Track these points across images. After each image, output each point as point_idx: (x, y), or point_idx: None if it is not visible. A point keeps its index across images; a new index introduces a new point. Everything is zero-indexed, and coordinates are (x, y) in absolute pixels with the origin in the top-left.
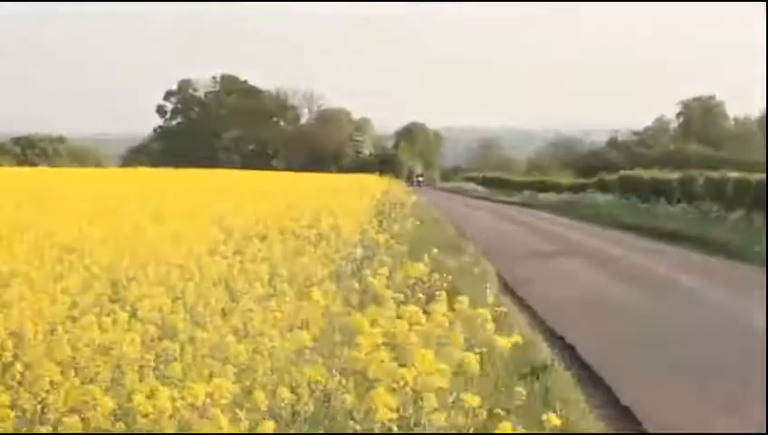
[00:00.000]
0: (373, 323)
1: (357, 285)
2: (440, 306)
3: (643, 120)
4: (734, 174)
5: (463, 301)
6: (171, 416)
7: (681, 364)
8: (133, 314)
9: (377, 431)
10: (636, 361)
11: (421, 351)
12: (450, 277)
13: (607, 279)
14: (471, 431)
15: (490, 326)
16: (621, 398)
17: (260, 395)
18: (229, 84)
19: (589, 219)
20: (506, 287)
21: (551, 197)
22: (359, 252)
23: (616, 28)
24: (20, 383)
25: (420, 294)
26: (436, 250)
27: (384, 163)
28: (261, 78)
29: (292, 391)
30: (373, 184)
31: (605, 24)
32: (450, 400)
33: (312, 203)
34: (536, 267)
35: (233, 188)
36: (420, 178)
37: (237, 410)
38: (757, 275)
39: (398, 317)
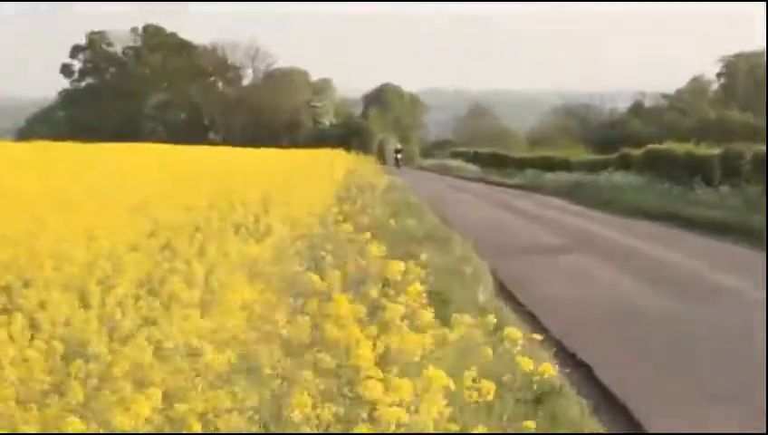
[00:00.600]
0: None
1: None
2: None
3: (675, 82)
4: None
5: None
6: None
7: (730, 394)
8: (32, 326)
9: None
10: (668, 385)
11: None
12: (432, 278)
13: (630, 281)
14: None
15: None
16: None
17: (192, 425)
18: (153, 37)
19: (607, 206)
20: (503, 289)
21: (559, 177)
22: (315, 249)
23: None
24: None
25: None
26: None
27: (350, 135)
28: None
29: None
30: (336, 162)
31: None
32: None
33: (259, 187)
34: (541, 264)
35: (159, 169)
36: (399, 156)
37: None
38: None
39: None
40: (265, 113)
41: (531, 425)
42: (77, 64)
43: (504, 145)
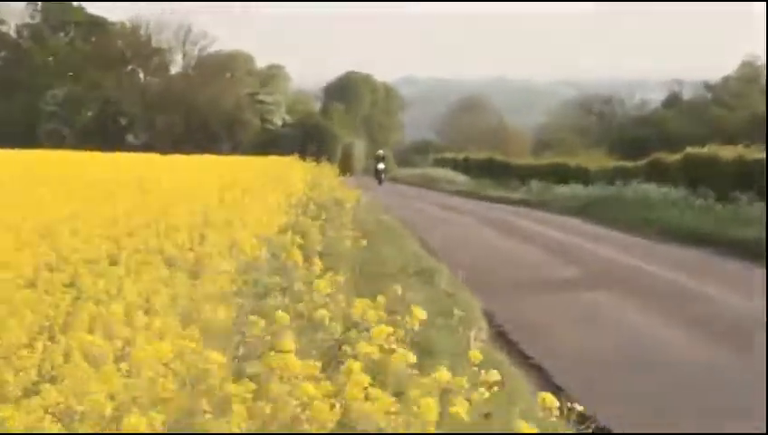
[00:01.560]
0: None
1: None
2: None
3: (721, 67)
4: None
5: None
6: None
7: None
8: None
9: None
10: None
11: None
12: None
13: (666, 325)
14: None
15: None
16: None
17: None
18: (56, 13)
19: (635, 227)
20: (502, 337)
21: (574, 191)
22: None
23: None
24: None
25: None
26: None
27: (307, 138)
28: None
29: None
30: (290, 172)
31: None
32: None
33: (191, 206)
34: (552, 305)
35: (64, 182)
36: (382, 166)
37: None
38: None
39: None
40: (199, 110)
41: None
42: None
43: (504, 149)
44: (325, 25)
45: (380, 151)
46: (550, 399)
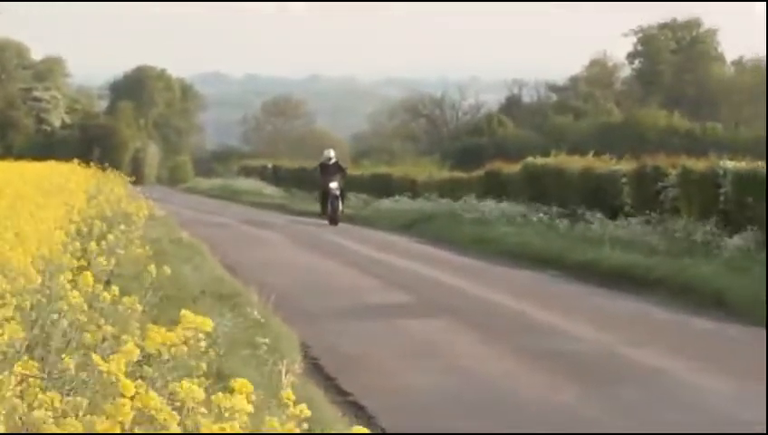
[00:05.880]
0: None
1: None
2: None
3: (567, 67)
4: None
5: None
6: None
7: None
8: None
9: None
10: None
11: None
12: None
13: (504, 359)
14: None
15: None
16: None
17: None
18: None
19: (469, 247)
20: (318, 370)
21: (401, 205)
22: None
23: None
24: None
25: None
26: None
27: (91, 141)
28: None
29: None
30: (71, 181)
31: None
32: None
33: None
34: (375, 336)
35: None
36: (335, 185)
37: None
38: None
39: None
40: None
41: None
42: None
43: (319, 157)
44: (114, 11)
45: (329, 152)
46: None
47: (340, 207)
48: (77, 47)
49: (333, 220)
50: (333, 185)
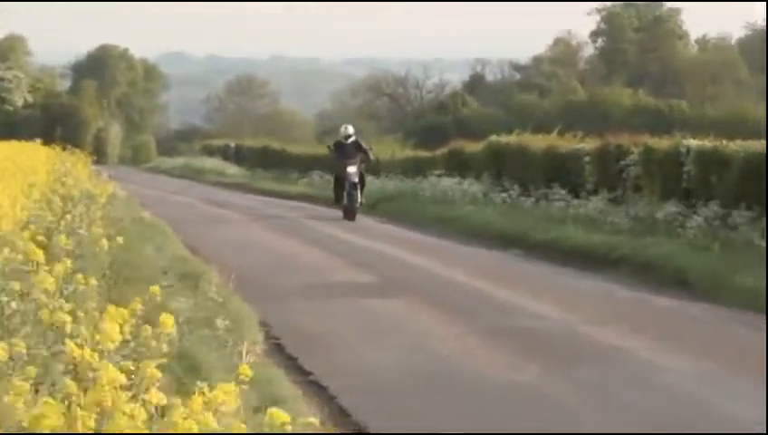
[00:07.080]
0: None
1: None
2: None
3: (530, 46)
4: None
5: None
6: None
7: None
8: None
9: None
10: None
11: None
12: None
13: (465, 337)
14: None
15: None
16: None
17: None
18: None
19: (433, 226)
20: (280, 350)
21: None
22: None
23: None
24: None
25: None
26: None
27: (53, 121)
28: None
29: None
30: (32, 160)
31: None
32: None
33: None
34: (338, 315)
35: None
36: (353, 170)
37: None
38: None
39: None
40: None
41: None
42: None
43: (283, 136)
44: None
45: (347, 129)
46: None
47: (359, 197)
48: (39, 26)
49: (350, 213)
50: (352, 169)
